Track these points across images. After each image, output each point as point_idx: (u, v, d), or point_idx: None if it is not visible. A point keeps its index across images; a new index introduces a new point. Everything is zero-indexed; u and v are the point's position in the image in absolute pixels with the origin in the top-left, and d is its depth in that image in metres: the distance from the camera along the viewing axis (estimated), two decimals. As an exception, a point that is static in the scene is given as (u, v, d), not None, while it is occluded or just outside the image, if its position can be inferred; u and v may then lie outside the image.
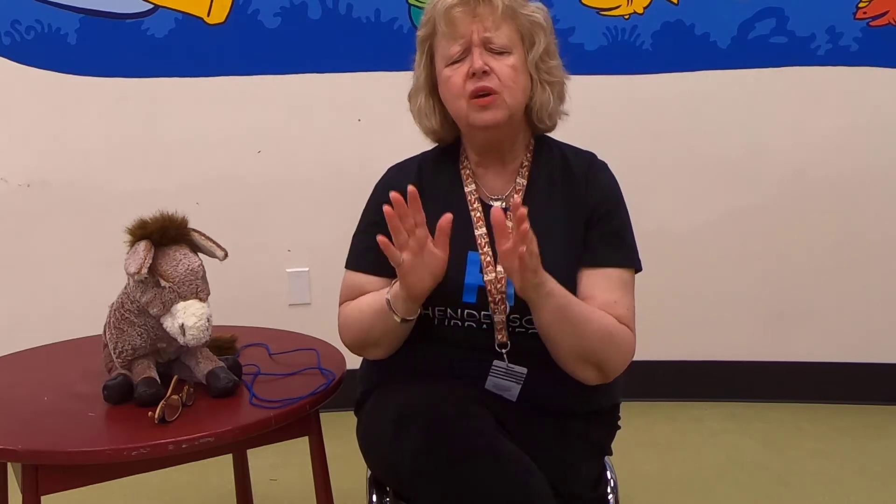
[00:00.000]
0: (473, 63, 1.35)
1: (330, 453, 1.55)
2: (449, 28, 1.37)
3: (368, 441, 1.40)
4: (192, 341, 1.39)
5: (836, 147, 2.75)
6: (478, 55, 1.35)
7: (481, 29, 1.36)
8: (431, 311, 1.39)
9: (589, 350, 1.31)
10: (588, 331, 1.30)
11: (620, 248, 1.41)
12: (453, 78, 1.38)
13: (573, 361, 1.32)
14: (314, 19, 2.63)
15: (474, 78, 1.35)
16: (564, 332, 1.29)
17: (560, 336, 1.30)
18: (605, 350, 1.32)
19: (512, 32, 1.38)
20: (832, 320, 2.85)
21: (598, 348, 1.32)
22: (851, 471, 2.41)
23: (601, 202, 1.42)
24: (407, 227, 1.25)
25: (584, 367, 1.32)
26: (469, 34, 1.36)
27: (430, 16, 1.41)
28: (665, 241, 2.75)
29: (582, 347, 1.30)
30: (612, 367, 1.35)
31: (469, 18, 1.36)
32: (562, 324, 1.28)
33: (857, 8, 2.65)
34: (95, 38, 2.58)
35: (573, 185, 1.43)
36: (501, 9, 1.36)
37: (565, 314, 1.28)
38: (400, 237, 1.25)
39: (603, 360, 1.33)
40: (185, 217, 1.46)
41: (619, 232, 1.42)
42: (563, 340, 1.30)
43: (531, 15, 1.39)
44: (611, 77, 2.68)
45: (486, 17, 1.36)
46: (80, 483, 1.33)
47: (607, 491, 1.46)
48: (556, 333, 1.30)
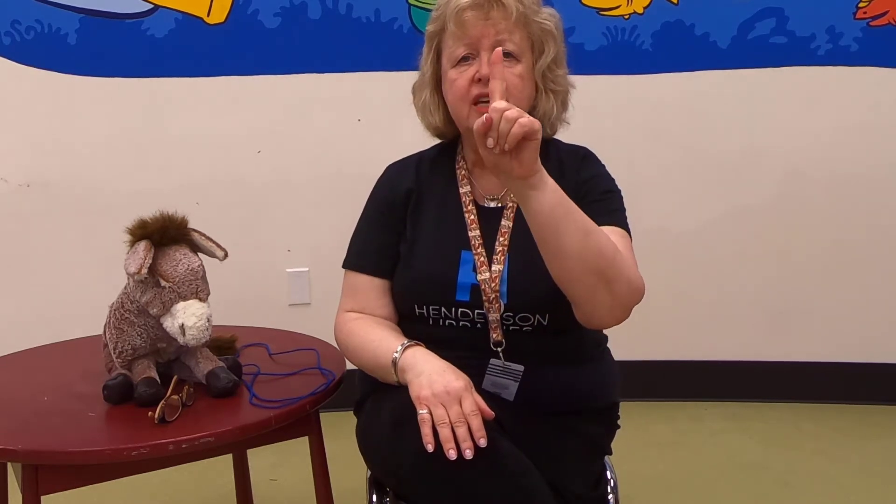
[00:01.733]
0: (481, 68, 1.34)
1: (330, 453, 1.55)
2: (459, 29, 1.36)
3: (368, 441, 1.40)
4: (192, 341, 1.39)
5: (836, 147, 2.75)
6: (486, 61, 1.34)
7: (493, 33, 1.34)
8: (426, 309, 1.39)
9: (596, 252, 1.21)
10: (592, 227, 1.22)
11: (608, 213, 1.37)
12: (458, 81, 1.37)
13: (580, 270, 1.22)
14: (314, 19, 2.63)
15: (479, 83, 1.34)
16: (566, 226, 1.20)
17: (563, 230, 1.20)
18: (614, 259, 1.23)
19: (523, 39, 1.36)
20: (832, 320, 2.85)
21: (605, 252, 1.22)
22: (851, 471, 2.41)
23: (586, 180, 1.41)
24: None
25: (595, 280, 1.22)
26: (479, 38, 1.35)
27: (440, 12, 1.39)
28: (665, 240, 2.75)
29: (587, 249, 1.21)
30: (624, 285, 1.24)
31: (481, 22, 1.34)
32: (564, 216, 1.20)
33: (857, 8, 2.65)
34: (95, 38, 2.58)
35: (566, 181, 1.43)
36: (515, 15, 1.34)
37: (566, 207, 1.21)
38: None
39: (612, 273, 1.23)
40: (185, 217, 1.46)
41: (604, 201, 1.39)
42: (566, 237, 1.20)
43: (543, 23, 1.38)
44: (611, 77, 2.68)
45: (498, 22, 1.34)
46: (80, 483, 1.33)
47: (607, 491, 1.46)
48: (559, 226, 1.20)
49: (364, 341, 1.39)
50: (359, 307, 1.45)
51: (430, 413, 1.18)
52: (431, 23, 1.42)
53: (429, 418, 1.18)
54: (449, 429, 1.17)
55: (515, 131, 1.12)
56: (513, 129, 1.12)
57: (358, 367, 1.45)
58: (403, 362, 1.29)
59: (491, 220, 1.42)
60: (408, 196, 1.46)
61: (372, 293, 1.44)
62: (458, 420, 1.17)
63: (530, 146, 1.15)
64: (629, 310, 1.29)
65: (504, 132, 1.13)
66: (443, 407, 1.19)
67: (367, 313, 1.44)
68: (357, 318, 1.43)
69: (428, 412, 1.19)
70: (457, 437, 1.16)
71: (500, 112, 1.13)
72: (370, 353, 1.37)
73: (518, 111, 1.13)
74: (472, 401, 1.20)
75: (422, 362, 1.27)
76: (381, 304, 1.44)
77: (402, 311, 1.44)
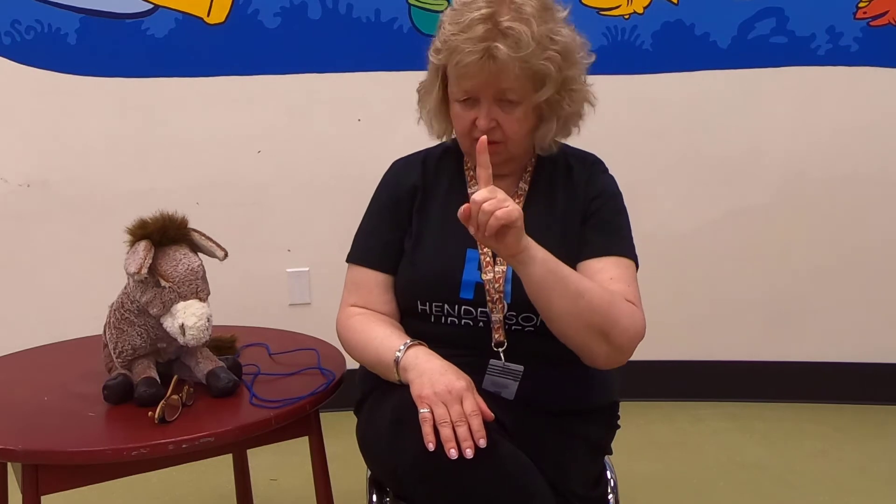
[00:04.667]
0: (480, 121, 1.34)
1: (330, 453, 1.55)
2: (459, 79, 1.35)
3: (368, 441, 1.40)
4: (192, 341, 1.39)
5: (835, 147, 2.75)
6: (485, 114, 1.34)
7: (493, 85, 1.33)
8: (429, 306, 1.39)
9: (589, 312, 1.26)
10: (583, 288, 1.26)
11: (616, 240, 1.40)
12: (462, 119, 1.38)
13: (576, 328, 1.27)
14: (314, 19, 2.63)
15: (479, 128, 1.35)
16: (558, 293, 1.25)
17: (555, 297, 1.25)
18: (608, 314, 1.27)
19: (524, 83, 1.34)
20: (832, 320, 2.85)
21: (598, 309, 1.27)
22: (851, 471, 2.41)
23: (595, 198, 1.42)
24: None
25: (591, 335, 1.28)
26: (478, 89, 1.34)
27: (443, 56, 1.36)
28: (665, 240, 2.75)
29: (581, 310, 1.26)
30: (621, 335, 1.29)
31: (481, 75, 1.32)
32: (554, 284, 1.24)
33: (857, 8, 2.65)
34: (95, 38, 2.58)
35: (574, 189, 1.44)
36: (514, 71, 1.31)
37: (556, 275, 1.25)
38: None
39: (608, 326, 1.27)
40: (185, 217, 1.46)
41: (613, 224, 1.41)
42: (558, 302, 1.25)
43: (545, 64, 1.34)
44: (611, 77, 2.67)
45: (497, 77, 1.32)
46: (80, 483, 1.33)
47: (607, 491, 1.46)
48: (550, 294, 1.25)
49: (366, 338, 1.39)
50: (361, 302, 1.45)
51: (432, 412, 1.19)
52: (435, 54, 1.39)
53: (430, 417, 1.18)
54: (450, 428, 1.17)
55: (492, 224, 1.17)
56: (490, 221, 1.16)
57: (359, 363, 1.45)
58: (405, 361, 1.29)
59: None
60: (413, 192, 1.47)
61: (375, 288, 1.44)
62: (459, 419, 1.18)
63: (511, 232, 1.19)
64: (630, 353, 1.33)
65: (482, 223, 1.17)
66: (444, 406, 1.19)
67: (370, 309, 1.44)
68: (359, 314, 1.43)
69: (429, 411, 1.19)
70: (457, 436, 1.17)
71: (479, 205, 1.17)
72: (372, 351, 1.37)
73: (497, 201, 1.17)
74: (473, 401, 1.21)
75: (424, 362, 1.28)
76: (384, 300, 1.44)
77: (405, 308, 1.44)
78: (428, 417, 1.18)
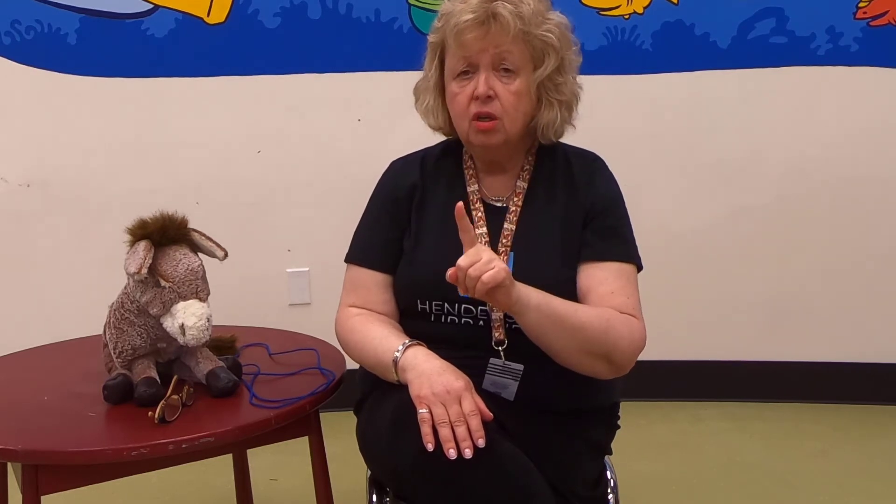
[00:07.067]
0: (478, 88, 1.35)
1: (330, 453, 1.55)
2: (459, 49, 1.36)
3: (368, 441, 1.40)
4: (192, 341, 1.39)
5: (836, 147, 2.75)
6: (483, 80, 1.35)
7: (491, 49, 1.34)
8: (429, 305, 1.39)
9: (588, 342, 1.29)
10: (579, 323, 1.28)
11: (617, 243, 1.40)
12: (459, 97, 1.38)
13: (578, 358, 1.31)
14: (314, 19, 2.63)
15: (478, 101, 1.35)
16: (556, 334, 1.28)
17: (553, 337, 1.29)
18: (606, 339, 1.30)
19: (523, 53, 1.36)
20: (832, 320, 2.85)
21: (597, 339, 1.29)
22: (851, 471, 2.41)
23: (597, 200, 1.42)
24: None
25: (592, 360, 1.31)
26: (477, 54, 1.35)
27: (442, 25, 1.39)
28: (665, 240, 2.75)
29: (580, 342, 1.29)
30: (621, 355, 1.32)
31: (479, 42, 1.34)
32: (551, 326, 1.27)
33: (857, 8, 2.65)
34: (95, 38, 2.58)
35: (574, 187, 1.44)
36: (513, 31, 1.33)
37: (551, 318, 1.27)
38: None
39: (607, 350, 1.31)
40: (185, 217, 1.46)
41: (615, 227, 1.41)
42: (557, 341, 1.29)
43: (545, 35, 1.36)
44: (611, 77, 2.68)
45: (497, 38, 1.33)
46: (80, 483, 1.33)
47: (607, 491, 1.46)
48: (548, 335, 1.28)
49: (365, 338, 1.39)
50: (360, 302, 1.45)
51: (430, 412, 1.19)
52: (433, 33, 1.42)
53: (429, 417, 1.18)
54: (449, 428, 1.17)
55: (479, 288, 1.18)
56: (476, 285, 1.18)
57: (358, 363, 1.45)
58: (404, 361, 1.30)
59: (497, 218, 1.43)
60: (412, 191, 1.47)
61: (374, 288, 1.45)
62: (457, 419, 1.18)
63: (500, 291, 1.21)
64: (631, 366, 1.36)
65: (470, 287, 1.19)
66: (443, 406, 1.19)
67: (369, 308, 1.44)
68: (358, 314, 1.43)
69: (428, 411, 1.19)
70: (456, 436, 1.17)
71: (464, 270, 1.18)
72: (371, 351, 1.37)
73: (482, 264, 1.19)
74: (471, 401, 1.21)
75: (423, 362, 1.28)
76: (383, 300, 1.44)
77: (404, 307, 1.44)
78: (427, 418, 1.19)
